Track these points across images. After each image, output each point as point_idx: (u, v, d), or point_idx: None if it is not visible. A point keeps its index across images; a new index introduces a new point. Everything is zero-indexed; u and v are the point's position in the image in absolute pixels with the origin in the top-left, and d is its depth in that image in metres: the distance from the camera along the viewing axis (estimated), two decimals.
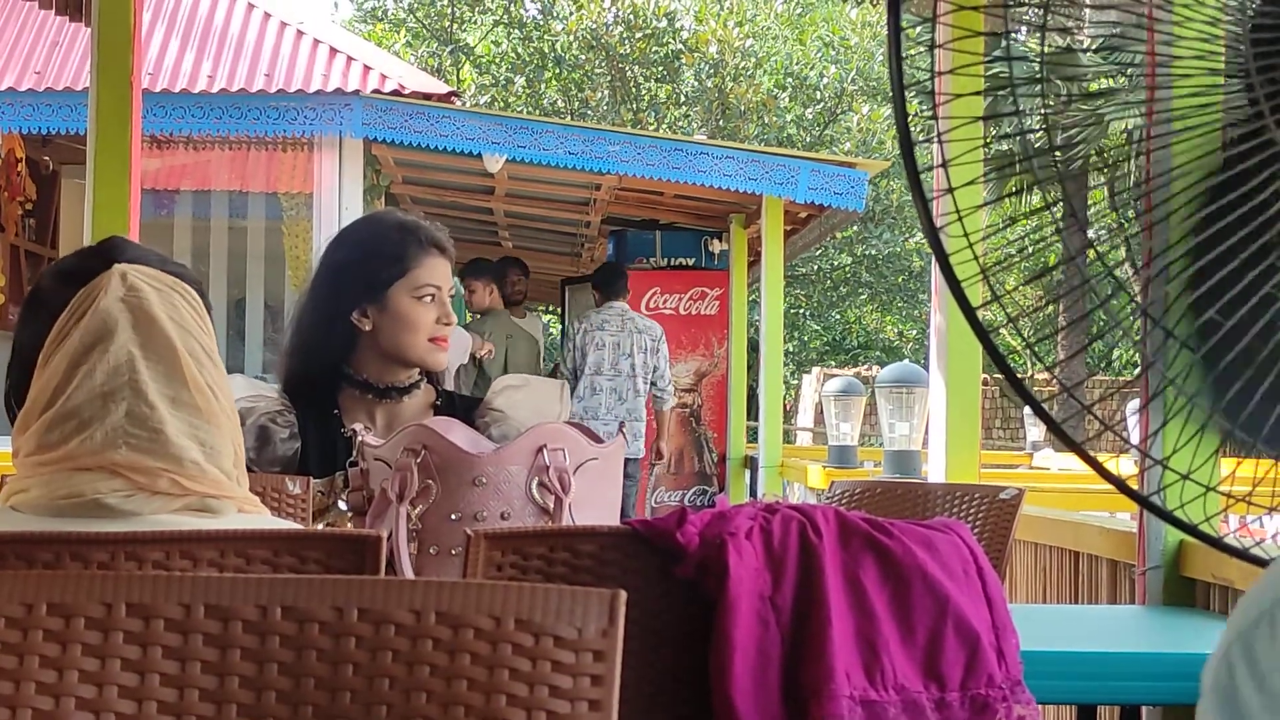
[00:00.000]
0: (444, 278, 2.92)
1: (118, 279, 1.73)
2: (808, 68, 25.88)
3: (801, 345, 27.47)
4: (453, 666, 1.17)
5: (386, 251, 2.92)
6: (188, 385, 1.69)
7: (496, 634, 1.17)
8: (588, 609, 1.18)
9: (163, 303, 1.72)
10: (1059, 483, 7.55)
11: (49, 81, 9.12)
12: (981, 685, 1.80)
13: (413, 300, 2.89)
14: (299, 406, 2.88)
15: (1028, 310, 2.11)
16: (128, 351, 1.68)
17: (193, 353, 1.71)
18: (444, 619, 1.18)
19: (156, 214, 10.05)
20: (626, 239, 10.72)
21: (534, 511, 2.24)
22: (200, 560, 1.58)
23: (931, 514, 3.25)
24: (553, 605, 1.18)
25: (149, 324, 1.70)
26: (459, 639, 1.17)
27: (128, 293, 1.72)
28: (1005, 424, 20.25)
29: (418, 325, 2.88)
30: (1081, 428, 2.16)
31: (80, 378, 1.67)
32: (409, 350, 2.90)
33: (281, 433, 2.84)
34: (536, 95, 25.76)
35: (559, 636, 1.17)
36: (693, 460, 10.49)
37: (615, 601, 1.18)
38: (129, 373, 1.67)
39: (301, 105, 8.94)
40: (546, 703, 1.16)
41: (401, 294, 2.89)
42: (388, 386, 2.90)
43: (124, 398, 1.66)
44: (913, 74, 1.90)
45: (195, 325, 1.74)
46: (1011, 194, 11.01)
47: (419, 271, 2.90)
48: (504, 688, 1.17)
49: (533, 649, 1.17)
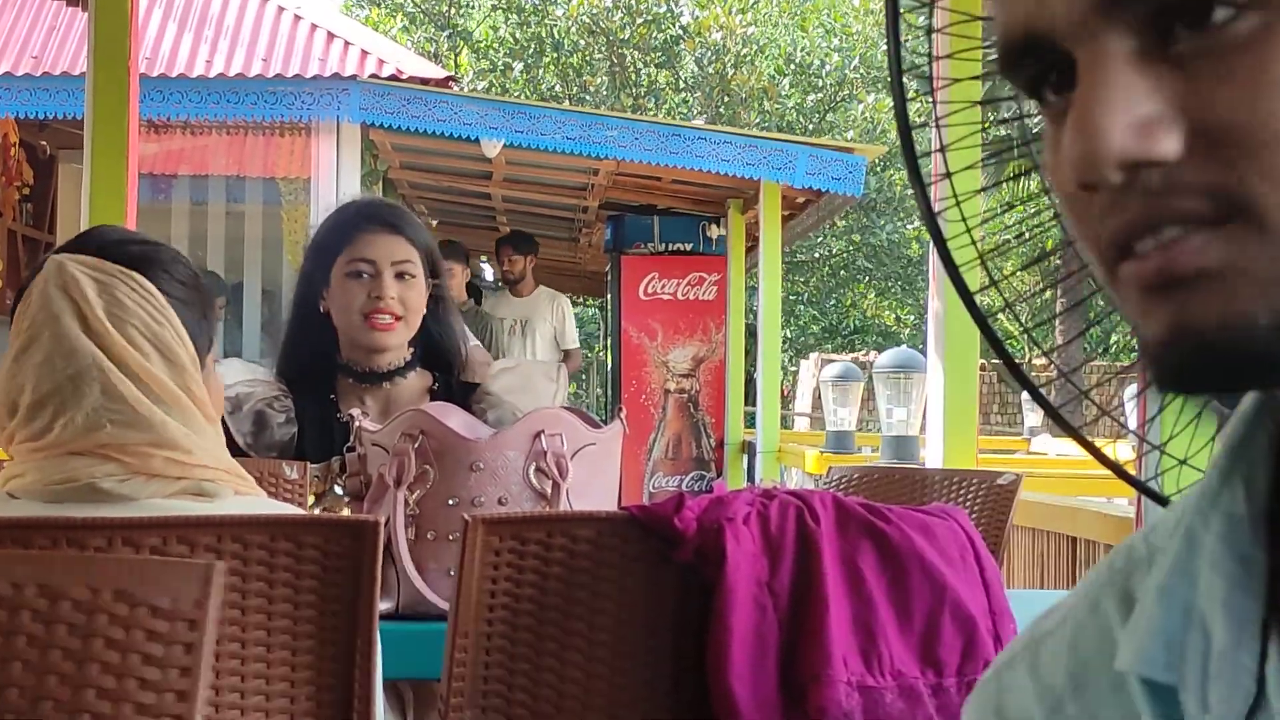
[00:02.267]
0: (383, 253, 2.86)
1: (54, 268, 1.72)
2: (810, 55, 25.84)
3: (800, 331, 27.46)
4: (48, 636, 1.23)
5: (331, 231, 2.92)
6: (137, 374, 1.69)
7: (93, 604, 1.23)
8: (183, 580, 1.23)
9: (100, 294, 1.71)
10: (1056, 468, 7.55)
11: (46, 66, 9.11)
12: (979, 671, 1.80)
13: (343, 277, 2.86)
14: (295, 391, 2.88)
15: (1026, 295, 2.11)
16: (79, 336, 1.68)
17: (133, 341, 1.70)
18: (44, 591, 1.23)
19: (154, 199, 10.03)
20: (624, 224, 10.70)
21: (531, 497, 2.24)
22: (197, 545, 1.58)
23: (929, 499, 3.25)
24: (150, 576, 1.24)
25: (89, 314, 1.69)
26: (55, 610, 1.23)
27: (65, 281, 1.71)
28: (1003, 409, 20.25)
29: (348, 304, 2.85)
30: (1079, 413, 2.16)
31: (34, 368, 1.68)
32: (346, 330, 2.87)
33: (278, 417, 2.84)
34: (535, 81, 25.72)
35: (154, 606, 1.23)
36: (690, 445, 10.49)
37: (210, 573, 1.23)
38: (90, 355, 1.67)
39: (299, 90, 8.92)
40: (138, 669, 1.23)
41: (337, 272, 2.88)
42: (369, 371, 2.89)
43: (94, 377, 1.67)
44: (911, 59, 1.90)
45: (140, 313, 1.72)
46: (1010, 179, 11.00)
47: (351, 247, 2.87)
48: (97, 655, 1.23)
49: (127, 618, 1.23)
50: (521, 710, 1.75)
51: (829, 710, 1.72)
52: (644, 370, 10.49)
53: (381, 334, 2.85)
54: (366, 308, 2.84)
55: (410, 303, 2.87)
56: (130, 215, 3.79)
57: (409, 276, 2.87)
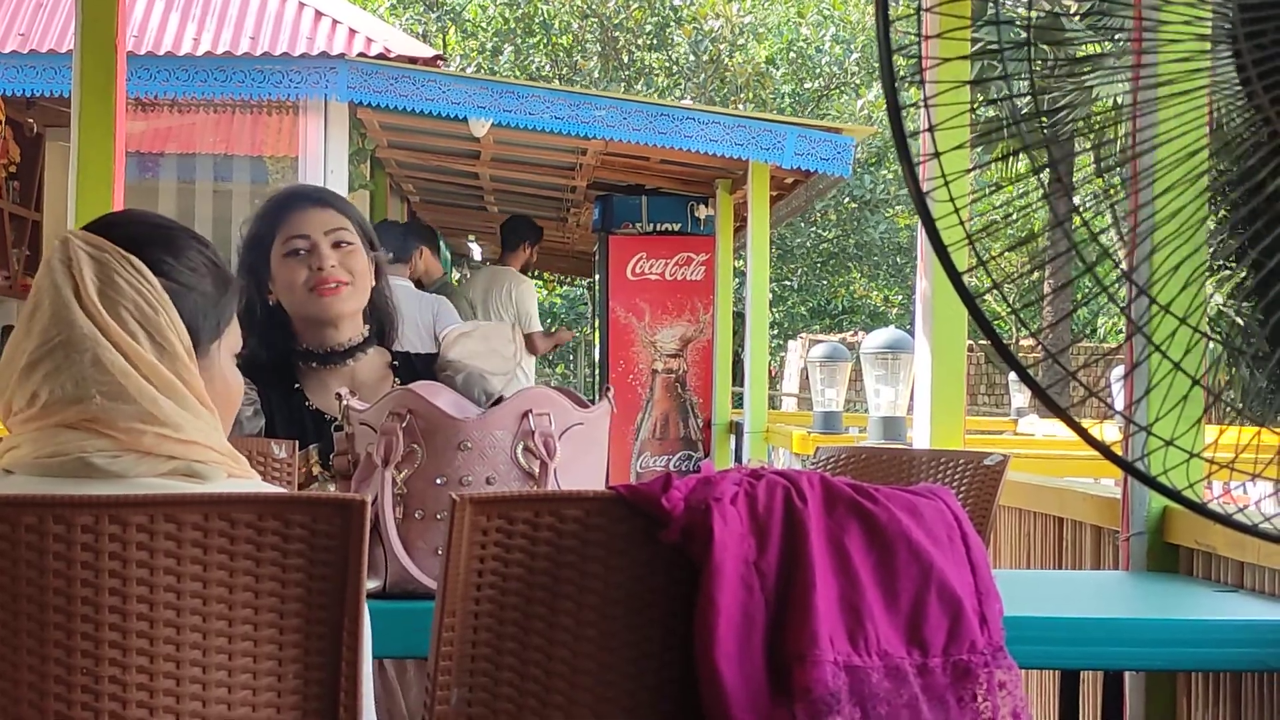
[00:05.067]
0: (315, 225, 2.87)
1: (60, 244, 1.74)
2: (808, 44, 25.77)
3: (789, 318, 27.46)
4: None
5: (261, 220, 2.93)
6: (124, 352, 1.70)
7: None
8: None
9: (97, 274, 1.73)
10: (1043, 449, 7.56)
11: (33, 43, 9.06)
12: (964, 651, 1.80)
13: (282, 259, 2.88)
14: (260, 383, 2.88)
15: (1014, 276, 2.11)
16: (75, 307, 1.70)
17: (122, 322, 1.72)
18: None
19: (141, 177, 10.00)
20: (613, 204, 10.69)
21: (519, 476, 2.24)
22: (184, 524, 1.58)
23: (916, 480, 3.25)
24: None
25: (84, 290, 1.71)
26: None
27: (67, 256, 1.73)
28: (990, 390, 20.28)
29: (292, 282, 2.86)
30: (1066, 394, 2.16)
31: (37, 334, 1.71)
32: (296, 310, 2.88)
33: (246, 410, 2.84)
34: (524, 62, 25.64)
35: None
36: (678, 425, 10.50)
37: None
38: (84, 325, 1.69)
39: (286, 68, 8.89)
40: None
41: (276, 256, 2.89)
42: (329, 351, 2.89)
43: (87, 347, 1.69)
44: (899, 39, 1.90)
45: (133, 295, 1.73)
46: (998, 159, 11.01)
47: (283, 228, 2.88)
48: None
49: None
50: (508, 689, 1.75)
51: (815, 689, 1.72)
52: (631, 350, 10.49)
53: (330, 299, 2.85)
54: (311, 281, 2.85)
55: (353, 267, 2.88)
56: (117, 193, 3.78)
57: (346, 245, 2.88)
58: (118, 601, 1.56)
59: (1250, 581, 2.66)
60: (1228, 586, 2.71)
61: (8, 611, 1.56)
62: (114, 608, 1.56)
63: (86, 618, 1.56)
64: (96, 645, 1.56)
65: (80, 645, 1.56)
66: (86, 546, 1.56)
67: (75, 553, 1.55)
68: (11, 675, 1.57)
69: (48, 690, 1.56)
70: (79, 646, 1.56)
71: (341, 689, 1.64)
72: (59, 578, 1.56)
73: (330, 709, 1.64)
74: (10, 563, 1.56)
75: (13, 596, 1.56)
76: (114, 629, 1.56)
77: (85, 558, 1.56)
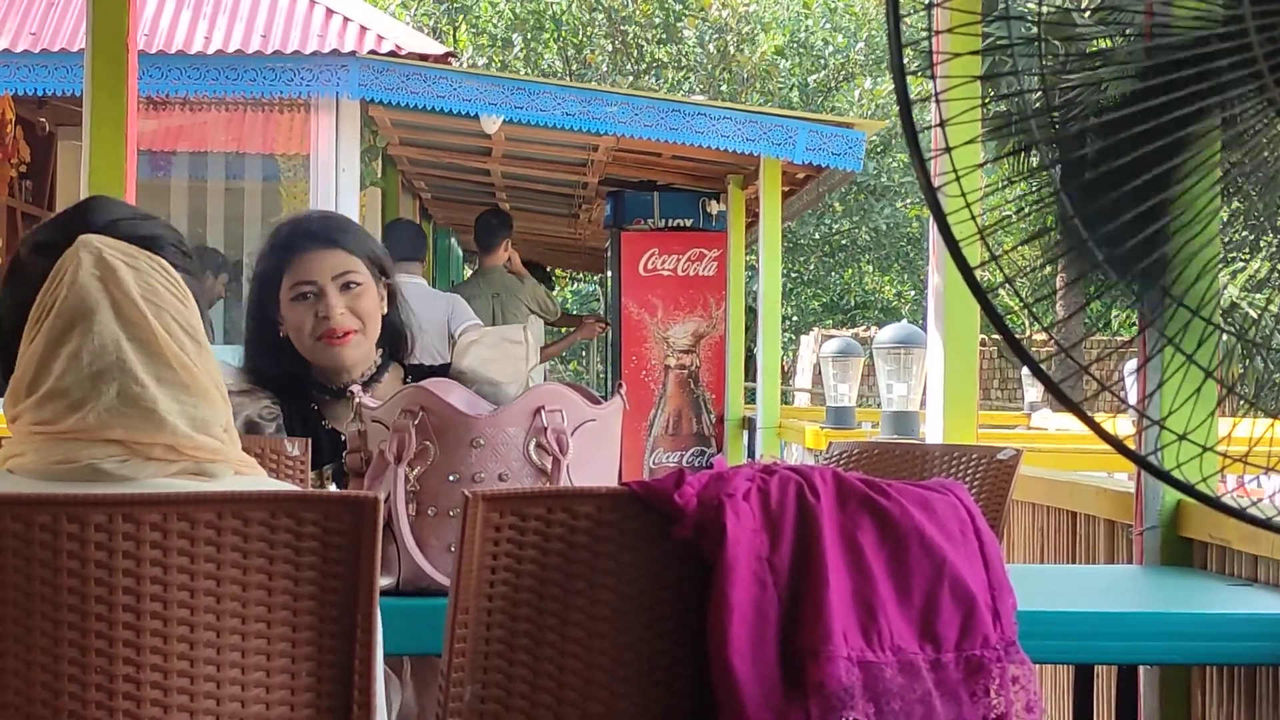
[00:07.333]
0: (322, 269, 2.82)
1: (90, 256, 1.72)
2: (814, 35, 25.72)
3: (800, 311, 27.42)
4: None
5: (268, 257, 2.89)
6: (170, 364, 1.69)
7: None
8: None
9: (137, 281, 1.72)
10: (1056, 443, 7.55)
11: (44, 43, 9.08)
12: (977, 646, 1.80)
13: (290, 303, 2.85)
14: (282, 399, 2.88)
15: (1026, 270, 2.11)
16: (112, 331, 1.68)
17: (169, 329, 1.71)
18: None
19: (153, 175, 10.01)
20: (624, 200, 10.69)
21: (532, 473, 2.24)
22: (198, 522, 1.58)
23: (929, 475, 3.25)
24: None
25: (126, 305, 1.69)
26: None
27: (103, 272, 1.71)
28: (1003, 385, 20.25)
29: (300, 327, 2.83)
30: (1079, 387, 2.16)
31: (65, 358, 1.67)
32: (306, 354, 2.86)
33: (268, 426, 2.84)
34: (534, 57, 25.62)
35: None
36: (691, 421, 10.49)
37: None
38: (116, 352, 1.67)
39: (298, 66, 8.90)
40: None
41: (285, 300, 2.86)
42: (341, 388, 2.86)
43: (114, 378, 1.66)
44: (911, 33, 1.89)
45: (171, 299, 1.73)
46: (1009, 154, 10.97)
47: (290, 272, 2.84)
48: None
49: None
50: (522, 685, 1.76)
51: (828, 685, 1.72)
52: (644, 346, 10.49)
53: (339, 350, 2.83)
54: (318, 330, 2.82)
55: (363, 311, 2.84)
56: (129, 192, 3.78)
57: (354, 285, 2.84)
58: (131, 600, 1.56)
59: (1265, 575, 2.65)
60: (1242, 580, 2.71)
61: (21, 610, 1.57)
62: (128, 606, 1.56)
63: (100, 616, 1.56)
64: (110, 644, 1.57)
65: (94, 644, 1.56)
66: (100, 545, 1.56)
67: (89, 551, 1.56)
68: (25, 674, 1.57)
69: (62, 689, 1.57)
70: (93, 645, 1.56)
71: (355, 686, 1.64)
72: (73, 576, 1.56)
73: (344, 706, 1.64)
74: (24, 561, 1.56)
75: (26, 595, 1.56)
76: (128, 628, 1.57)
77: (99, 556, 1.56)
